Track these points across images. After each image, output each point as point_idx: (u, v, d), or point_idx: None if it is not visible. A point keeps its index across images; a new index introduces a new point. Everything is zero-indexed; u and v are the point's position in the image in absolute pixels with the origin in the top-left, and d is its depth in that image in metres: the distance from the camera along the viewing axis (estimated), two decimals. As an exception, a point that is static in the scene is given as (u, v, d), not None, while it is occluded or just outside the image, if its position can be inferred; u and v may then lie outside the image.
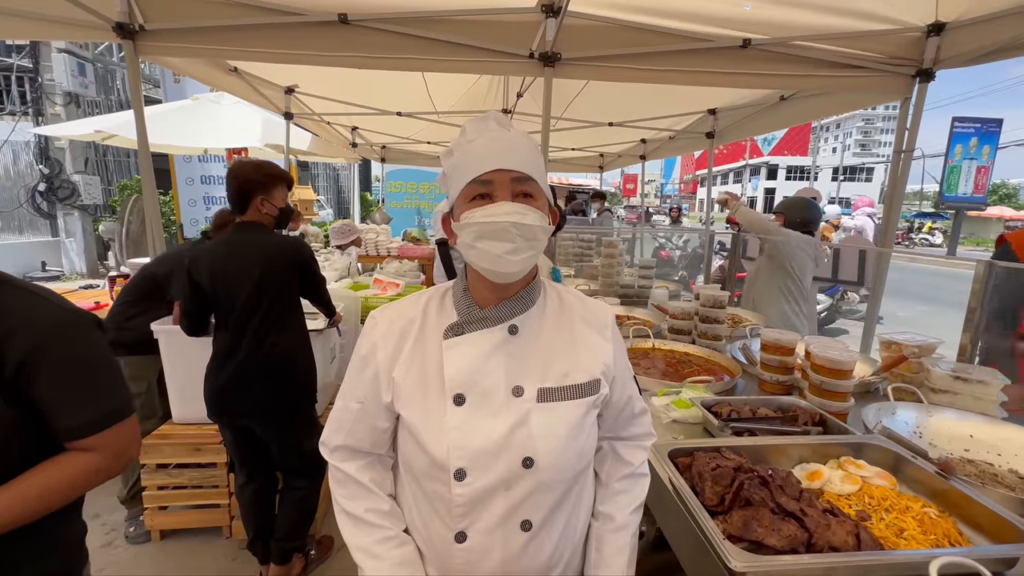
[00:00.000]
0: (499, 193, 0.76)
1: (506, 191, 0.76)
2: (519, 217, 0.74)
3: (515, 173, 0.76)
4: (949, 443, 1.38)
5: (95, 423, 0.88)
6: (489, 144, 0.78)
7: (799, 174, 44.84)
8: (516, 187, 0.77)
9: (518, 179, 0.76)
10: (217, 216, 2.49)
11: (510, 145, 0.78)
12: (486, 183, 0.76)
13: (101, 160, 9.41)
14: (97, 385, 0.91)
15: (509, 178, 0.76)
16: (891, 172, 2.91)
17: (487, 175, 0.75)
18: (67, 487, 0.87)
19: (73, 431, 0.87)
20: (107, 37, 2.42)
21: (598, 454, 0.95)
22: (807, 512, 0.90)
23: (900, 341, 1.69)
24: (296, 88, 4.32)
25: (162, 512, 2.35)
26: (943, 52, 2.55)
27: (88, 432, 0.88)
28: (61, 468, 0.86)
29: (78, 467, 0.88)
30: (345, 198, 14.78)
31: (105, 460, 0.90)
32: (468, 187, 0.76)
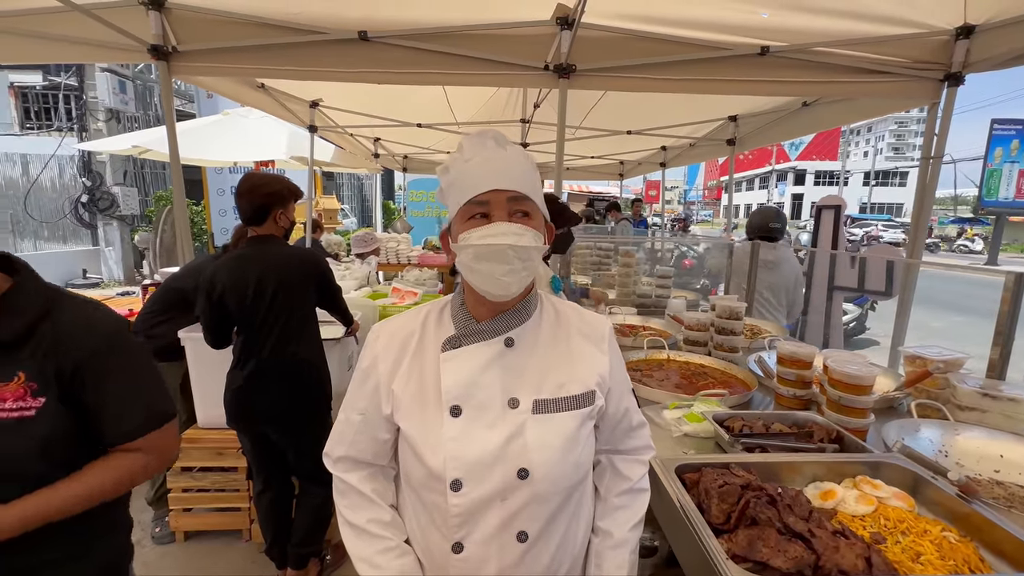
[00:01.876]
0: (496, 213, 0.77)
1: (503, 211, 0.77)
2: (515, 239, 0.76)
3: (511, 192, 0.77)
4: (978, 463, 1.32)
5: (145, 425, 0.95)
6: (486, 164, 0.79)
7: (828, 179, 43.63)
8: (512, 206, 0.78)
9: (514, 198, 0.78)
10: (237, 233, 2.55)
11: (506, 164, 0.79)
12: (483, 203, 0.77)
13: (139, 172, 9.87)
14: (146, 389, 0.98)
15: (505, 198, 0.77)
16: (919, 179, 2.82)
17: (484, 195, 0.77)
18: (115, 485, 0.93)
19: (127, 434, 0.94)
20: (143, 58, 2.55)
21: (597, 468, 0.95)
22: (816, 533, 0.88)
23: (925, 355, 1.63)
24: (320, 102, 4.46)
25: (186, 514, 2.43)
26: (973, 55, 2.46)
27: (139, 434, 0.94)
28: (112, 467, 0.93)
29: (127, 466, 0.95)
30: (369, 207, 15.09)
31: (152, 459, 0.98)
32: (465, 207, 0.78)
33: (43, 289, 0.93)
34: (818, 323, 3.45)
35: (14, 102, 9.26)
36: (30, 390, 0.86)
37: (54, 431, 0.87)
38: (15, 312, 0.88)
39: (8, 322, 0.87)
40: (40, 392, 0.87)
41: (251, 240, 1.94)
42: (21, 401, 0.85)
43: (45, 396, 0.87)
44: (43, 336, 0.88)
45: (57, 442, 0.87)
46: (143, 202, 9.79)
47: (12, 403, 0.84)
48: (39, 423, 0.85)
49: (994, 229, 19.20)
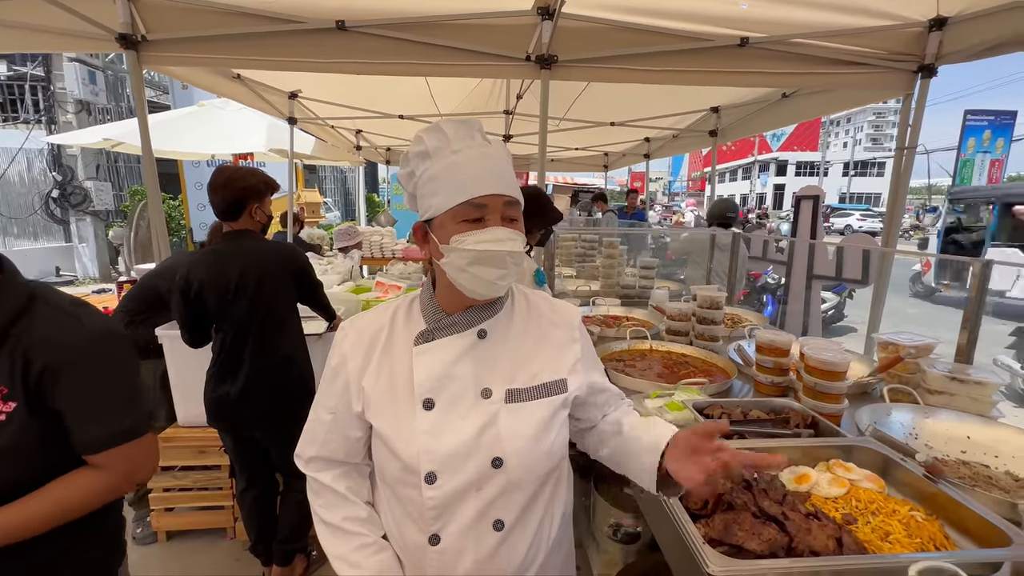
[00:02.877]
0: (491, 217, 0.77)
1: (498, 216, 0.77)
2: (511, 245, 0.76)
3: (507, 197, 0.78)
4: (945, 445, 1.36)
5: (106, 440, 0.90)
6: (480, 163, 0.78)
7: (808, 170, 44.34)
8: (506, 211, 0.78)
9: (509, 203, 0.78)
10: (213, 229, 2.51)
11: (499, 165, 0.79)
12: (480, 207, 0.76)
13: (112, 166, 9.58)
14: (113, 403, 0.92)
15: (502, 202, 0.77)
16: (894, 169, 2.88)
17: (483, 199, 0.76)
18: (78, 504, 0.89)
19: (85, 445, 0.89)
20: (110, 48, 2.47)
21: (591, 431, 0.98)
22: (789, 516, 0.90)
23: (896, 342, 1.68)
24: (299, 93, 4.37)
25: (168, 513, 2.40)
26: (945, 47, 2.51)
27: (98, 448, 0.90)
28: (71, 486, 0.89)
29: (87, 486, 0.90)
30: (352, 200, 14.90)
31: (114, 479, 0.92)
32: (459, 208, 0.76)
33: (24, 287, 0.89)
34: (798, 311, 3.52)
35: (-23, 93, 8.89)
36: (1, 394, 0.83)
37: (25, 437, 0.84)
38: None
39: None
40: (10, 396, 0.84)
41: (227, 235, 1.90)
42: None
43: (15, 401, 0.84)
44: (17, 337, 0.85)
45: (28, 449, 0.84)
46: (118, 197, 9.52)
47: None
48: (9, 429, 0.82)
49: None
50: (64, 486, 0.88)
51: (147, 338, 2.23)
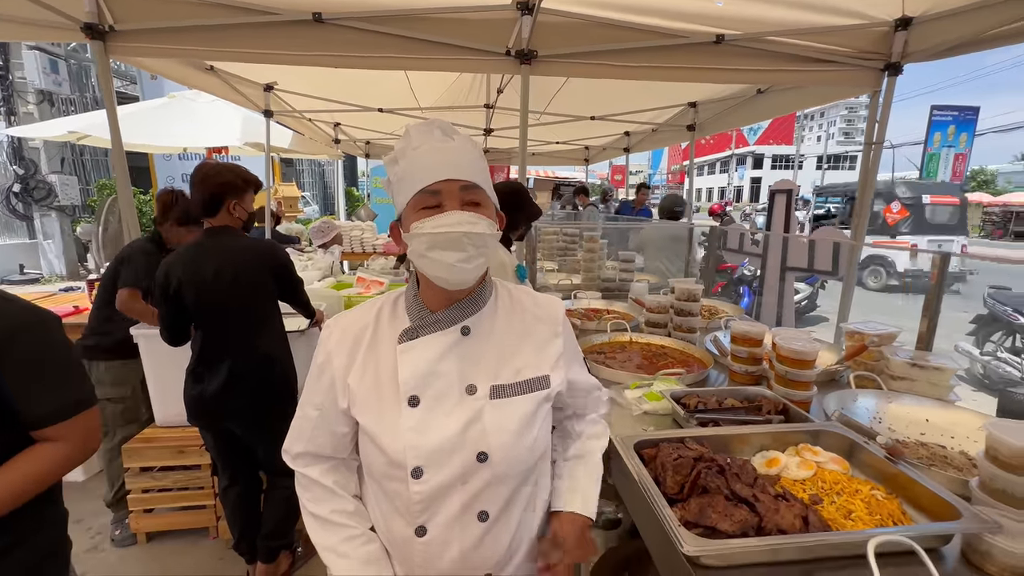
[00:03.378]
0: (448, 202, 0.78)
1: (455, 200, 0.78)
2: (470, 226, 0.77)
3: (463, 182, 0.78)
4: (906, 428, 1.44)
5: (59, 412, 0.95)
6: (435, 153, 0.79)
7: (784, 163, 45.29)
8: (464, 196, 0.79)
9: (466, 188, 0.79)
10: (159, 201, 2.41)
11: (456, 154, 0.80)
12: (435, 193, 0.78)
13: (78, 160, 9.22)
14: (60, 378, 0.97)
15: (458, 187, 0.78)
16: (862, 163, 2.98)
17: (436, 185, 0.77)
18: (37, 477, 0.93)
19: (41, 419, 0.94)
20: (76, 38, 2.39)
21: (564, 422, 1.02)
22: (759, 498, 0.95)
23: (862, 331, 1.75)
24: (275, 85, 4.28)
25: (148, 515, 2.37)
26: (910, 46, 2.61)
27: (53, 420, 0.95)
28: (30, 460, 0.93)
29: (46, 457, 0.94)
30: (331, 194, 14.65)
31: (72, 449, 0.97)
32: (417, 197, 0.78)
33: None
34: (772, 303, 3.62)
35: (-71, 82, 8.43)
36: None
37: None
38: None
39: None
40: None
41: (207, 232, 1.88)
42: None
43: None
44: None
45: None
46: (84, 191, 9.18)
47: None
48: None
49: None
50: (28, 460, 0.93)
51: (126, 336, 2.19)
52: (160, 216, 2.40)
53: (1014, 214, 24.20)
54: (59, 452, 0.95)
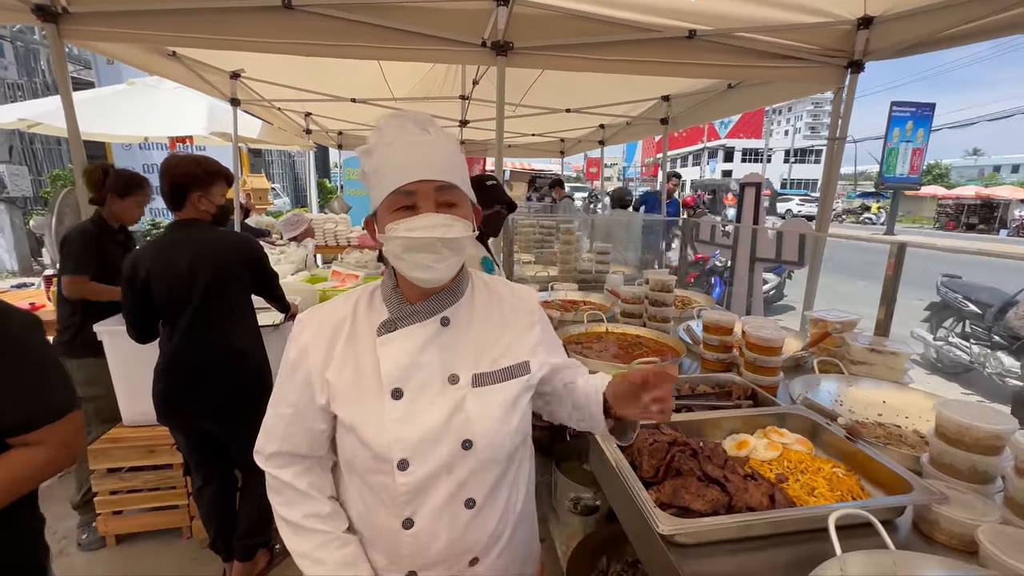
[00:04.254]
0: (423, 204, 0.77)
1: (430, 201, 0.78)
2: (444, 231, 0.77)
3: (438, 182, 0.77)
4: (865, 409, 1.52)
5: (40, 418, 0.91)
6: (410, 150, 0.78)
7: (754, 156, 46.44)
8: (440, 196, 0.78)
9: (441, 188, 0.78)
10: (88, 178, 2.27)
11: (432, 152, 0.79)
12: (409, 194, 0.77)
13: (28, 148, 8.74)
14: (34, 383, 0.92)
15: (432, 188, 0.77)
16: (826, 158, 3.10)
17: (410, 186, 0.76)
18: (20, 481, 0.89)
19: (19, 427, 0.89)
20: (26, 20, 2.26)
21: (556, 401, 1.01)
22: (729, 478, 1.00)
23: (825, 318, 1.84)
24: (242, 73, 4.13)
25: (116, 517, 2.30)
26: (872, 44, 2.71)
27: (33, 427, 0.90)
28: (12, 464, 0.88)
29: (29, 462, 0.90)
30: (302, 186, 14.29)
31: (54, 454, 0.93)
32: (391, 197, 0.77)
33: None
34: (742, 293, 3.74)
35: None
36: None
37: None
38: None
39: None
40: None
41: (176, 224, 1.82)
42: None
43: None
44: None
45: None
46: (36, 182, 8.71)
47: None
48: None
49: (892, 203, 21.37)
50: (8, 464, 0.88)
51: (95, 333, 2.11)
52: (95, 194, 2.26)
53: (965, 207, 25.51)
54: (40, 456, 0.91)
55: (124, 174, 2.30)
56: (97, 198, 2.25)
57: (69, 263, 2.13)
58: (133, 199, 2.30)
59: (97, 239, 2.21)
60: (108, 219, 2.29)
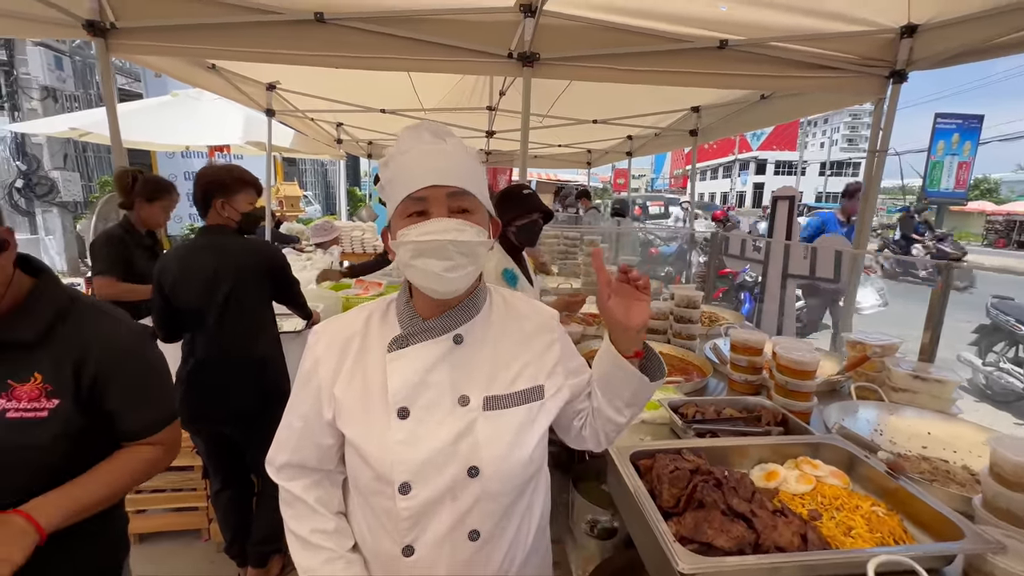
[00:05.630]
0: (435, 209, 0.75)
1: (442, 207, 0.75)
2: (456, 234, 0.74)
3: (451, 188, 0.75)
4: (908, 440, 1.42)
5: (157, 424, 1.01)
6: (423, 158, 0.77)
7: (787, 169, 45.26)
8: (452, 202, 0.76)
9: (454, 194, 0.76)
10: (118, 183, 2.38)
11: (445, 159, 0.77)
12: (421, 200, 0.75)
13: (81, 156, 9.24)
14: (157, 392, 1.04)
15: (445, 193, 0.75)
16: (865, 171, 2.96)
17: (422, 191, 0.75)
18: (136, 476, 0.98)
19: (138, 433, 0.99)
20: (77, 34, 2.38)
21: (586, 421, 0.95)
22: (757, 513, 0.93)
23: (864, 341, 1.73)
24: (278, 84, 4.27)
25: (139, 515, 2.34)
26: (915, 53, 2.59)
27: (151, 432, 1.00)
28: (132, 459, 0.98)
29: (146, 457, 1.00)
30: (333, 194, 14.65)
31: (164, 453, 1.03)
32: (403, 204, 0.76)
33: (63, 291, 0.96)
34: (773, 310, 3.60)
35: (-66, 77, 8.45)
36: (45, 391, 0.88)
37: (66, 431, 0.89)
38: (36, 313, 0.89)
39: (29, 323, 0.88)
40: (55, 394, 0.88)
41: (202, 231, 1.88)
42: (35, 402, 0.87)
43: (60, 398, 0.88)
44: (62, 339, 0.90)
45: (69, 441, 0.89)
46: (87, 188, 9.19)
47: (27, 403, 0.86)
48: (51, 424, 0.87)
49: (936, 218, 20.41)
50: (131, 457, 0.98)
51: None
52: (124, 198, 2.36)
53: (1017, 223, 24.14)
54: (154, 453, 1.00)
55: (151, 179, 2.41)
56: (126, 202, 2.35)
57: (98, 265, 2.22)
58: (160, 204, 2.39)
59: (123, 242, 2.31)
60: (136, 223, 2.38)
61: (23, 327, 0.87)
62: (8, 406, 0.85)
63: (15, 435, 0.84)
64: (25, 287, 0.91)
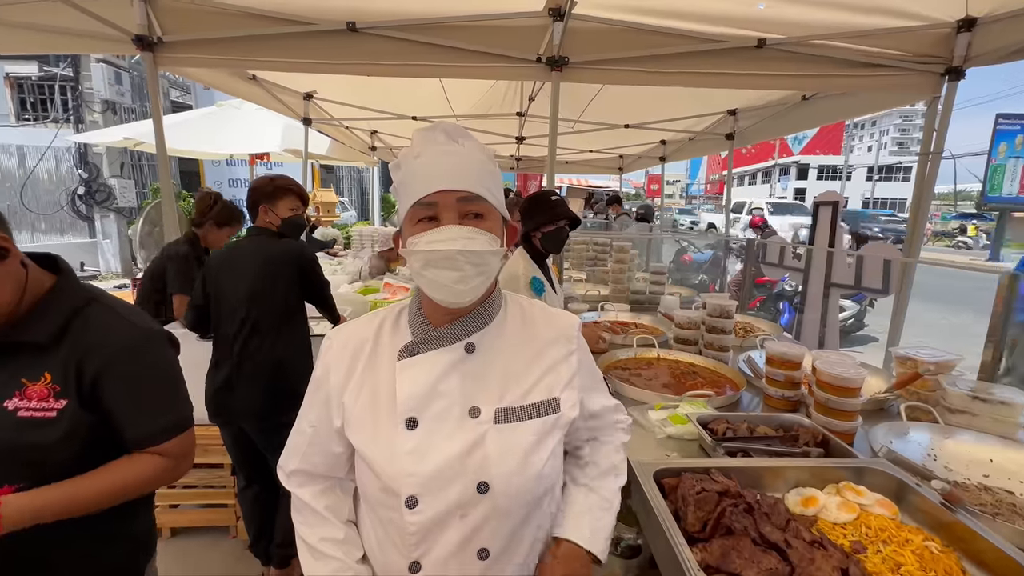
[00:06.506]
0: (445, 215, 0.73)
1: (452, 213, 0.73)
2: (465, 243, 0.71)
3: (462, 193, 0.72)
4: (967, 468, 1.29)
5: (162, 432, 0.96)
6: (435, 161, 0.74)
7: (831, 174, 43.36)
8: (464, 208, 0.73)
9: (465, 199, 0.73)
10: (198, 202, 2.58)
11: (458, 162, 0.74)
12: (431, 205, 0.73)
13: (136, 164, 9.82)
14: (161, 398, 0.99)
15: (455, 199, 0.72)
16: (918, 175, 2.77)
17: (432, 196, 0.72)
18: (136, 485, 0.94)
19: (137, 441, 0.95)
20: (128, 49, 2.51)
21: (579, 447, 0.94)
22: (792, 543, 0.86)
23: (915, 357, 1.60)
24: (314, 94, 4.41)
25: (172, 510, 2.42)
26: (974, 49, 2.41)
27: (149, 443, 0.96)
28: (135, 466, 0.94)
29: (150, 466, 0.96)
30: (368, 200, 15.02)
31: (172, 464, 0.98)
32: (413, 209, 0.73)
33: (80, 289, 0.95)
34: (814, 320, 3.41)
35: (10, 92, 9.19)
36: (53, 392, 0.88)
37: (75, 433, 0.88)
38: (50, 314, 0.90)
39: (44, 323, 0.89)
40: (63, 394, 0.88)
41: (247, 232, 2.03)
42: (44, 402, 0.87)
43: (67, 399, 0.88)
44: (71, 339, 0.90)
45: (78, 443, 0.89)
46: (140, 194, 9.76)
47: (36, 403, 0.87)
48: (59, 424, 0.87)
49: (997, 225, 19.06)
50: (128, 466, 0.93)
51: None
52: (199, 217, 2.53)
53: (1090, 232, 22.22)
54: (159, 463, 0.96)
55: (228, 207, 2.59)
56: (199, 221, 2.52)
57: (176, 283, 2.35)
58: (227, 230, 2.57)
59: (188, 259, 2.48)
60: (201, 241, 2.52)
61: (37, 327, 0.88)
62: (20, 405, 0.86)
63: (26, 434, 0.85)
64: (46, 286, 0.91)
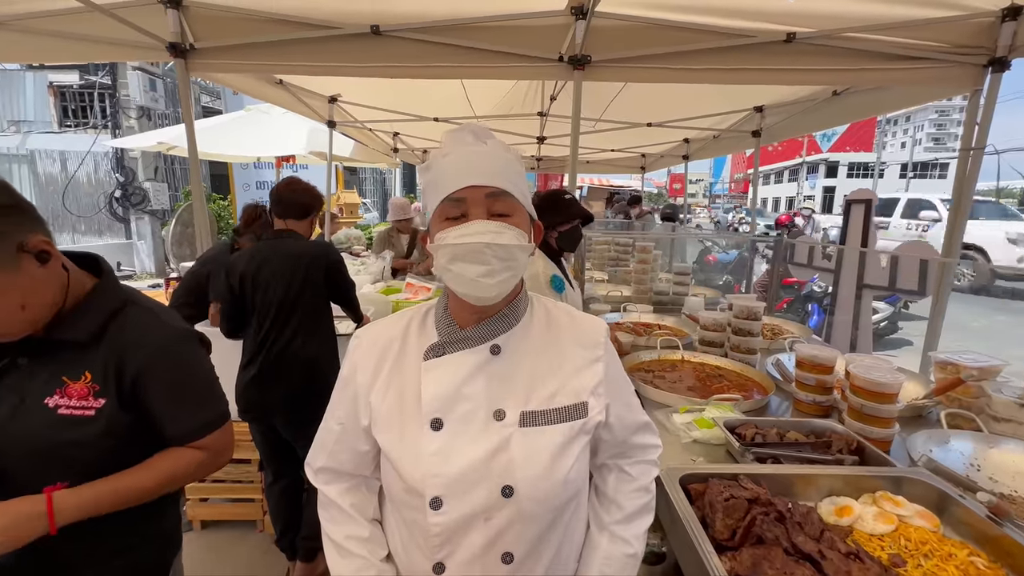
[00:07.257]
0: (473, 211, 0.73)
1: (480, 209, 0.73)
2: (493, 236, 0.71)
3: (490, 189, 0.73)
4: (1013, 479, 1.23)
5: (201, 428, 1.00)
6: (463, 159, 0.75)
7: (862, 171, 41.94)
8: (492, 204, 0.73)
9: (493, 195, 0.73)
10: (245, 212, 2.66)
11: (486, 159, 0.75)
12: (459, 201, 0.73)
13: (169, 168, 10.18)
14: (199, 395, 1.02)
15: (483, 195, 0.73)
16: (958, 171, 2.65)
17: (460, 192, 0.72)
18: (180, 478, 0.98)
19: (179, 437, 0.99)
20: (162, 56, 2.59)
21: (602, 470, 0.91)
22: (826, 555, 0.83)
23: (957, 362, 1.53)
24: (339, 97, 4.48)
25: (203, 504, 2.50)
26: (1020, 38, 2.29)
27: (190, 439, 0.99)
28: (174, 461, 0.97)
29: (189, 461, 0.99)
30: (390, 201, 15.22)
31: (213, 458, 1.02)
32: (441, 206, 0.74)
33: (119, 290, 0.98)
34: (846, 323, 3.31)
35: (53, 101, 9.64)
36: (93, 391, 0.90)
37: (112, 431, 0.90)
38: (91, 314, 0.92)
39: (85, 323, 0.91)
40: (102, 393, 0.90)
41: (275, 233, 2.02)
42: (84, 400, 0.89)
43: (106, 398, 0.90)
44: (110, 340, 0.92)
45: (115, 441, 0.91)
46: (173, 197, 10.11)
47: (76, 401, 0.89)
48: (98, 423, 0.89)
49: (1042, 223, 18.15)
50: (171, 460, 0.97)
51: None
52: (243, 227, 2.62)
53: None
54: (198, 456, 1.00)
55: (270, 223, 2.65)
56: (242, 230, 2.60)
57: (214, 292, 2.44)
58: None
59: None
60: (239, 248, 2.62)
61: (79, 327, 0.90)
62: (61, 402, 0.88)
63: (66, 431, 0.87)
64: (88, 287, 0.94)
